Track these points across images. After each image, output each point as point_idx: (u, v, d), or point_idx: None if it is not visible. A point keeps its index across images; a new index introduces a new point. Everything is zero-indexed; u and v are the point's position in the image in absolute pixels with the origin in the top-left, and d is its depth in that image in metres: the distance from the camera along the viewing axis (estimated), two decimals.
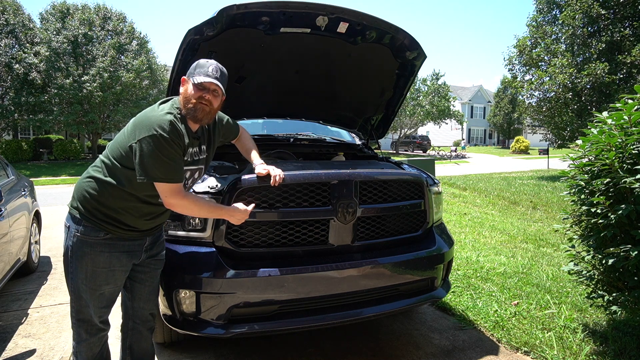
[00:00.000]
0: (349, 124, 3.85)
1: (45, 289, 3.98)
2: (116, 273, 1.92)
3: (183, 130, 1.82)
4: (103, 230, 1.85)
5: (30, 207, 4.45)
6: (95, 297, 1.89)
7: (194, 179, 2.04)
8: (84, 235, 1.84)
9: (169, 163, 1.75)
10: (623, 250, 2.29)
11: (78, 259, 1.86)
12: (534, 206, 9.09)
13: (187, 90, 1.85)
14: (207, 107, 1.85)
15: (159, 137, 1.72)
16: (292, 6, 2.52)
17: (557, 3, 16.96)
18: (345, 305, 2.35)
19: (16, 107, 19.81)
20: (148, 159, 1.72)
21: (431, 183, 2.80)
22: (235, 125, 2.29)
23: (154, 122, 1.75)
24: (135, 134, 1.76)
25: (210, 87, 1.84)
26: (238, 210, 2.02)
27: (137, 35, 22.72)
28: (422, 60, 3.05)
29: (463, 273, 4.17)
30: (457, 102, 43.77)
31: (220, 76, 1.88)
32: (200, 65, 1.87)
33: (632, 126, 2.34)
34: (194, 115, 1.84)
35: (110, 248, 1.88)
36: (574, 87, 15.31)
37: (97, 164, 1.90)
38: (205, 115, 1.87)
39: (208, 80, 1.82)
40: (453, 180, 13.68)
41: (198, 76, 1.83)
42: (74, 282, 1.88)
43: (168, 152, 1.74)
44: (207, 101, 1.84)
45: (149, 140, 1.71)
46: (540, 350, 2.68)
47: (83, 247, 1.85)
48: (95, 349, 1.98)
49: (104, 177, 1.83)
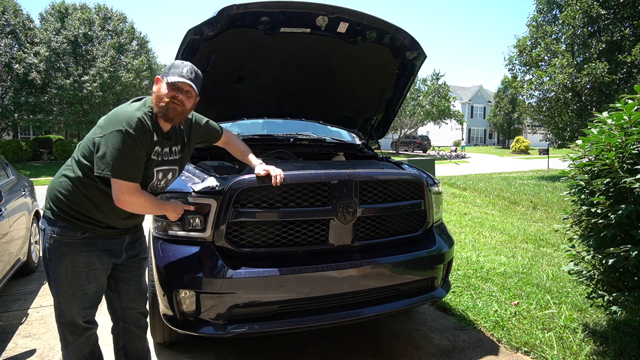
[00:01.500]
0: (349, 124, 3.85)
1: (45, 289, 3.98)
2: (97, 272, 1.90)
3: (151, 129, 1.81)
4: (80, 229, 1.84)
5: (30, 207, 4.45)
6: (78, 297, 1.87)
7: (167, 179, 2.02)
8: (61, 235, 1.83)
9: (130, 160, 1.74)
10: (623, 250, 2.29)
11: (57, 260, 1.84)
12: (534, 206, 9.09)
13: (160, 89, 1.85)
14: (180, 107, 1.84)
15: (125, 133, 1.71)
16: (292, 6, 2.52)
17: (557, 3, 16.96)
18: (345, 305, 2.35)
19: (16, 107, 19.81)
20: (110, 153, 1.70)
21: (431, 183, 2.80)
22: (216, 127, 2.28)
23: (122, 118, 1.75)
24: (103, 129, 1.75)
25: (183, 87, 1.84)
26: (178, 205, 2.03)
27: (137, 35, 22.74)
28: (422, 60, 3.05)
29: (463, 273, 4.17)
30: (457, 102, 43.77)
31: (195, 78, 1.87)
32: (175, 65, 1.87)
33: (632, 126, 2.34)
34: (165, 114, 1.83)
35: (89, 247, 1.86)
36: (574, 87, 15.31)
37: (69, 163, 1.89)
38: (177, 115, 1.86)
39: (182, 81, 1.83)
40: (453, 180, 13.67)
41: (172, 76, 1.83)
42: (55, 284, 1.86)
43: (131, 149, 1.73)
44: (180, 101, 1.84)
45: (115, 135, 1.71)
46: (541, 350, 2.68)
47: (61, 248, 1.83)
48: (84, 349, 1.96)
49: (75, 175, 1.82)
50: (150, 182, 1.93)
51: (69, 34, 20.31)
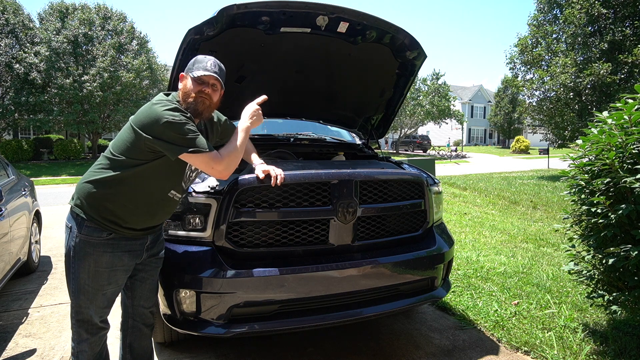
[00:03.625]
0: (349, 123, 3.85)
1: (46, 289, 3.99)
2: (118, 273, 1.91)
3: None
4: (106, 230, 1.85)
5: (30, 206, 4.45)
6: (98, 297, 1.89)
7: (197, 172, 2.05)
8: (87, 235, 1.84)
9: (197, 133, 1.77)
10: (623, 250, 2.29)
11: (80, 259, 1.85)
12: (534, 206, 9.08)
13: (186, 85, 1.87)
14: (207, 100, 1.87)
15: (178, 115, 1.74)
16: (292, 6, 2.52)
17: (557, 2, 16.95)
18: (345, 305, 2.35)
19: (16, 107, 19.83)
20: (179, 131, 1.72)
21: (431, 183, 2.80)
22: (232, 126, 2.28)
23: (163, 109, 1.75)
24: (149, 124, 1.74)
25: (209, 80, 1.86)
26: (251, 110, 2.05)
27: (137, 35, 22.72)
28: (423, 59, 3.05)
29: (463, 273, 4.17)
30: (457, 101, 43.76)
31: (219, 70, 1.90)
32: (198, 60, 1.90)
33: (633, 126, 2.34)
34: (194, 109, 1.85)
35: (112, 248, 1.87)
36: (574, 87, 15.31)
37: (100, 162, 1.89)
38: (206, 108, 1.89)
39: (207, 74, 1.85)
40: (453, 180, 13.67)
41: (197, 70, 1.85)
42: (76, 283, 1.87)
43: (191, 125, 1.76)
44: (207, 95, 1.86)
45: (171, 118, 1.72)
46: (541, 350, 2.68)
47: (86, 247, 1.84)
48: (96, 348, 1.98)
49: (109, 174, 1.82)
50: (184, 174, 1.95)
51: (69, 34, 20.31)
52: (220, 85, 1.91)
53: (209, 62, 1.88)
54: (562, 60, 15.42)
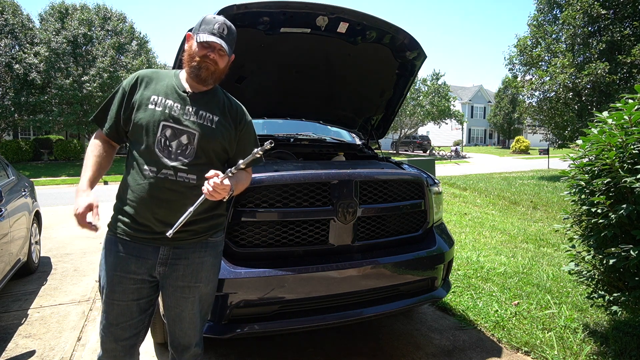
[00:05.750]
0: (349, 124, 3.85)
1: (46, 290, 3.98)
2: (123, 280, 1.67)
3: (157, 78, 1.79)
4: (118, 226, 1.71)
5: (30, 207, 4.45)
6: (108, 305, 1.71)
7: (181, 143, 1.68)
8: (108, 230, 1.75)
9: (109, 105, 1.78)
10: (623, 250, 2.28)
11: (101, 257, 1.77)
12: (534, 206, 9.09)
13: (191, 47, 1.73)
14: (212, 66, 1.71)
15: (120, 86, 1.77)
16: (292, 6, 2.52)
17: (557, 3, 16.97)
18: (345, 305, 2.35)
19: (16, 108, 19.83)
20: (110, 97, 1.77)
21: (431, 183, 2.80)
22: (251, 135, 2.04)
23: None
24: None
25: (215, 46, 1.70)
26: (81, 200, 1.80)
27: (136, 35, 22.76)
28: (422, 60, 3.05)
29: (463, 273, 4.17)
30: (457, 102, 43.78)
31: (227, 35, 1.71)
32: (205, 21, 1.73)
33: (633, 126, 2.34)
34: (197, 74, 1.71)
35: (117, 247, 1.70)
36: (574, 87, 15.31)
37: None
38: (210, 74, 1.73)
39: (212, 39, 1.68)
40: (453, 180, 13.67)
41: (202, 33, 1.70)
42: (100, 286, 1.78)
43: (118, 97, 1.76)
44: (212, 60, 1.71)
45: None
46: (541, 350, 2.68)
47: (105, 243, 1.76)
48: None
49: None
50: (153, 136, 1.66)
51: (68, 34, 20.32)
52: (227, 51, 1.71)
53: (216, 25, 1.69)
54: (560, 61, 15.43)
